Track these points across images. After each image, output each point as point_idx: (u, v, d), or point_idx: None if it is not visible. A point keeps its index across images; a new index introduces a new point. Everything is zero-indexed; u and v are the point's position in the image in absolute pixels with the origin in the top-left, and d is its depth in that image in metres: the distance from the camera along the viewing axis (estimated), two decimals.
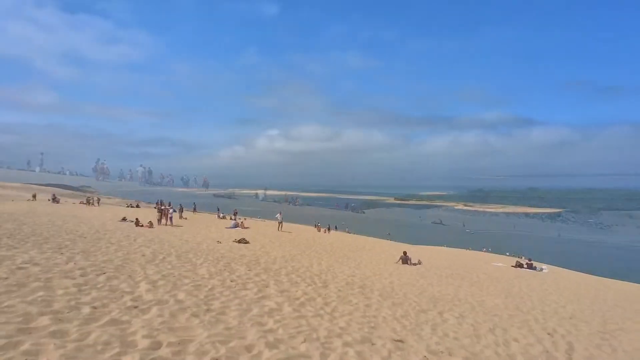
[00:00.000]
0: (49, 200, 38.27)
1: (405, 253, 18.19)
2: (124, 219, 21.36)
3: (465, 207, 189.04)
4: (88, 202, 41.44)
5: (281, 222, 27.27)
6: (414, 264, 17.74)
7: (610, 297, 15.22)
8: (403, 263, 17.43)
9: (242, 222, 26.85)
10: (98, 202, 42.58)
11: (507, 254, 39.46)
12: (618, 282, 23.94)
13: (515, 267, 22.33)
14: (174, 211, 24.49)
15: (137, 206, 40.97)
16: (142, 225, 19.03)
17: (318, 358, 4.54)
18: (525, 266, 22.43)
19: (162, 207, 23.66)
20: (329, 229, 35.93)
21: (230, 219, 31.07)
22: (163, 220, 22.05)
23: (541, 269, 22.26)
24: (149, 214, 26.60)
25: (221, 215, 34.06)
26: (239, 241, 17.16)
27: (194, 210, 41.14)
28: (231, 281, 8.11)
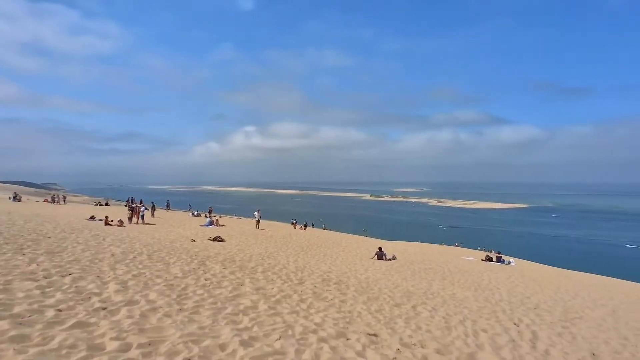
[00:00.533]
0: (9, 198, 36.19)
1: (380, 249, 18.50)
2: (92, 218, 20.53)
3: (439, 203, 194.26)
4: (53, 201, 39.50)
5: (259, 220, 26.92)
6: (389, 260, 18.07)
7: (571, 287, 16.10)
8: (378, 259, 17.71)
9: (217, 220, 26.42)
10: (64, 200, 40.67)
11: (478, 248, 40.89)
12: (578, 273, 25.35)
13: (485, 260, 23.18)
14: (146, 209, 23.76)
15: (107, 204, 39.44)
16: (111, 224, 18.35)
17: (293, 354, 4.55)
18: (494, 260, 23.33)
19: (134, 205, 22.91)
20: (305, 226, 35.97)
21: (206, 216, 30.50)
22: (134, 219, 21.36)
23: (509, 262, 23.23)
24: (119, 212, 25.67)
25: (196, 212, 33.38)
26: (214, 239, 16.88)
27: (168, 207, 40.10)
28: (205, 280, 7.97)
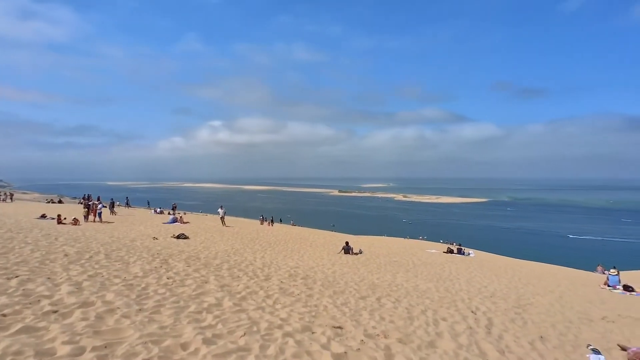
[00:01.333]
0: None
1: (347, 243, 18.77)
2: (43, 216, 19.25)
3: (405, 198, 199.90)
4: None
5: (223, 217, 26.35)
6: (356, 254, 18.39)
7: (524, 276, 17.18)
8: (345, 253, 17.97)
9: (181, 217, 25.64)
10: (11, 198, 37.83)
11: (441, 241, 42.54)
12: (530, 262, 27.11)
13: (446, 253, 24.18)
14: (104, 206, 22.58)
15: (60, 202, 37.07)
16: (65, 223, 17.30)
17: (257, 350, 4.53)
18: (455, 252, 24.39)
19: (90, 203, 21.70)
20: (272, 222, 35.76)
21: (169, 213, 29.48)
22: (91, 217, 20.26)
23: (469, 254, 24.38)
24: (73, 210, 24.23)
25: (158, 210, 32.18)
26: (178, 237, 16.39)
27: (127, 205, 38.36)
28: (168, 278, 7.73)
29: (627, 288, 16.23)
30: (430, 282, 12.61)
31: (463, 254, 24.12)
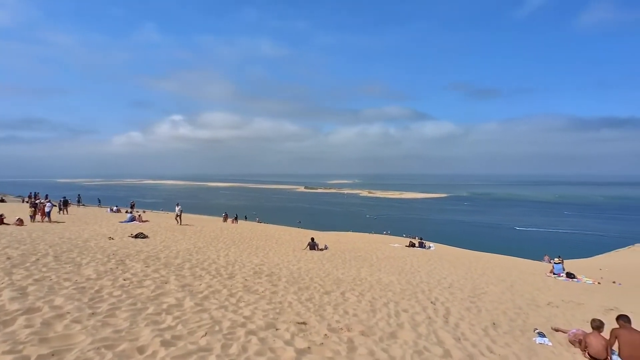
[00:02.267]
0: None
1: (312, 239, 18.86)
2: None
3: (370, 194, 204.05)
4: None
5: (179, 215, 24.64)
6: (321, 250, 18.53)
7: (479, 267, 18.15)
8: (311, 249, 18.05)
9: (140, 215, 24.51)
10: None
11: (404, 235, 43.93)
12: (486, 254, 28.69)
13: (409, 246, 24.97)
14: (53, 205, 21.08)
15: (2, 200, 34.12)
16: (8, 224, 15.98)
17: (219, 350, 4.45)
18: (417, 245, 25.25)
19: (37, 201, 20.17)
20: (236, 219, 35.17)
21: (127, 212, 28.09)
22: (38, 216, 18.85)
23: (429, 247, 25.35)
24: (18, 209, 22.44)
25: (115, 208, 30.57)
26: (136, 236, 15.67)
27: (79, 203, 36.08)
28: (124, 280, 7.38)
29: (569, 275, 17.65)
30: (393, 275, 12.98)
31: (424, 247, 25.03)
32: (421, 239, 26.59)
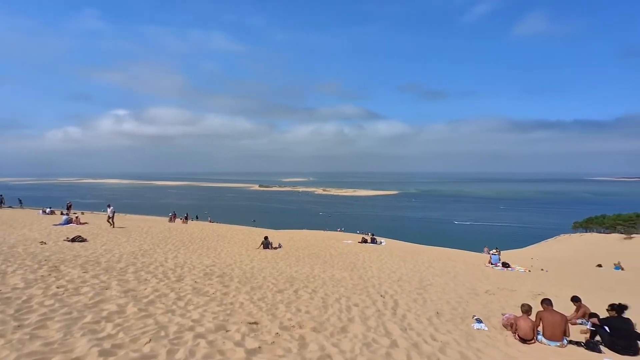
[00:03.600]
0: None
1: (266, 238, 18.68)
2: None
3: (324, 192, 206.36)
4: None
5: (112, 217, 21.81)
6: (275, 248, 18.42)
7: (426, 259, 19.16)
8: (264, 248, 17.88)
9: (77, 218, 22.66)
10: None
11: (357, 231, 45.01)
12: (433, 247, 30.34)
13: (361, 242, 25.66)
14: None
15: None
16: None
17: (165, 356, 4.28)
18: (369, 241, 26.01)
19: None
20: (186, 219, 33.86)
21: (62, 213, 25.82)
22: None
23: (381, 243, 26.24)
24: None
25: (48, 210, 27.95)
26: (73, 239, 14.47)
27: (1, 204, 32.49)
28: (58, 288, 6.80)
29: (505, 265, 19.24)
30: (345, 271, 13.28)
31: (376, 243, 25.86)
32: (373, 235, 27.42)
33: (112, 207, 22.68)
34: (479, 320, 7.75)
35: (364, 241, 25.87)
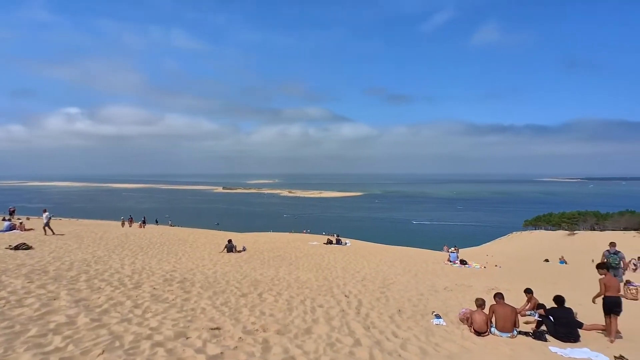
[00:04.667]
0: None
1: (230, 241, 18.31)
2: None
3: (290, 194, 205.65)
4: None
5: (48, 223, 19.34)
6: (239, 251, 18.11)
7: (389, 259, 19.66)
8: (228, 252, 17.51)
9: (22, 223, 20.97)
10: None
11: (323, 233, 45.23)
12: (395, 247, 31.16)
13: (326, 244, 25.84)
14: None
15: None
16: None
17: None
18: (334, 242, 26.26)
19: None
20: (144, 223, 32.43)
21: (4, 219, 23.79)
22: None
23: (345, 243, 26.58)
24: None
25: None
26: (16, 247, 13.37)
27: None
28: None
29: (462, 262, 20.18)
30: (311, 273, 13.31)
31: (341, 243, 26.15)
32: (338, 236, 27.71)
33: (47, 213, 19.95)
34: (437, 316, 8.07)
35: (330, 242, 26.08)
